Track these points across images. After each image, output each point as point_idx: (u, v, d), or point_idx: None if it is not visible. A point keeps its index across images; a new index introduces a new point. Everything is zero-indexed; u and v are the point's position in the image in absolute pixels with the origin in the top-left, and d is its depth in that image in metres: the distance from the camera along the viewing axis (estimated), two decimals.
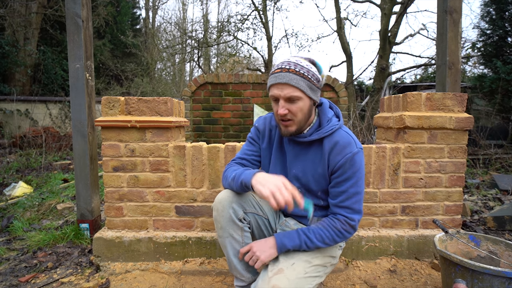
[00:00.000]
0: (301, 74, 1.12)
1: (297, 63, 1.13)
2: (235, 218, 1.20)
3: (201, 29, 10.92)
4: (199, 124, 4.31)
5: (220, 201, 1.22)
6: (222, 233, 1.22)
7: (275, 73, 1.14)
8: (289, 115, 1.14)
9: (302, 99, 1.13)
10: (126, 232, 1.79)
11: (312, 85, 1.14)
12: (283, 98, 1.12)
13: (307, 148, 1.24)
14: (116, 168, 1.76)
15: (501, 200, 2.94)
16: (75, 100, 2.01)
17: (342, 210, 1.16)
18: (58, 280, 1.63)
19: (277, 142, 1.31)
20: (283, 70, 1.12)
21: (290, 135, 1.20)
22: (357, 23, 26.63)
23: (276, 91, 1.13)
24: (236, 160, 1.35)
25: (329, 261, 1.22)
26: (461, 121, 1.74)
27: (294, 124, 1.16)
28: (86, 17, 2.04)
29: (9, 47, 9.10)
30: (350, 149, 1.15)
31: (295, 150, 1.26)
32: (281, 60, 1.18)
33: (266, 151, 1.33)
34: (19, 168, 4.41)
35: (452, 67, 2.15)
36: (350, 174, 1.15)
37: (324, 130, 1.19)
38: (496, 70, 5.48)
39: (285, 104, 1.13)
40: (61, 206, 2.65)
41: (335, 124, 1.20)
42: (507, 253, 1.41)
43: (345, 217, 1.15)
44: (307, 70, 1.13)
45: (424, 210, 1.83)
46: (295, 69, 1.11)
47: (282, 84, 1.11)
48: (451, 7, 2.14)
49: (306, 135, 1.21)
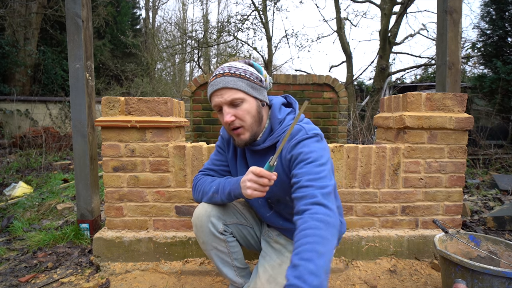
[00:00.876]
0: (238, 75, 1.05)
1: (231, 66, 1.07)
2: (215, 232, 1.18)
3: (201, 29, 10.93)
4: (199, 124, 4.31)
5: (197, 216, 1.18)
6: (205, 247, 1.21)
7: (212, 82, 1.07)
8: (237, 121, 1.05)
9: (246, 101, 1.05)
10: (126, 232, 1.79)
11: (253, 84, 1.07)
12: (225, 103, 1.05)
13: (264, 155, 1.14)
14: (116, 168, 1.76)
15: (501, 200, 2.94)
16: (75, 100, 2.01)
17: (311, 196, 0.89)
18: (58, 280, 1.63)
19: (240, 150, 1.24)
20: (217, 76, 1.06)
21: (245, 145, 1.10)
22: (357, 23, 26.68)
23: (217, 99, 1.05)
24: (204, 171, 1.30)
25: None
26: (461, 121, 1.75)
27: (246, 131, 1.07)
28: (86, 17, 2.04)
29: (9, 47, 9.10)
30: (298, 137, 1.02)
31: (254, 159, 1.18)
32: (216, 69, 1.12)
33: (232, 160, 1.27)
34: (19, 168, 4.41)
35: (452, 67, 2.15)
36: (303, 156, 0.98)
37: (276, 135, 1.09)
38: (496, 70, 5.48)
39: (229, 110, 1.05)
40: (61, 206, 2.65)
41: (288, 124, 1.10)
42: (507, 253, 1.41)
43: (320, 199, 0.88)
44: (243, 70, 1.07)
45: (424, 210, 1.83)
46: (229, 72, 1.05)
47: (220, 90, 1.04)
48: (451, 7, 2.14)
49: (260, 142, 1.13)
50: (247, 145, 1.12)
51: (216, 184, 1.16)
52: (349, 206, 1.80)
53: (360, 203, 1.80)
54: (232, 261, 1.24)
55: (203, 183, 1.22)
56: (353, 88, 9.65)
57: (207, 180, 1.22)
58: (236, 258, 1.25)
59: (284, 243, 1.25)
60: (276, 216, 1.23)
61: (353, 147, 1.75)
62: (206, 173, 1.30)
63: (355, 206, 1.80)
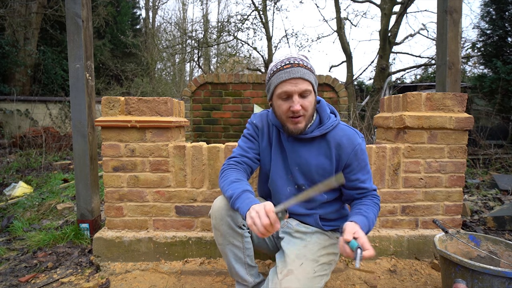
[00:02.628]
0: (309, 68, 1.13)
1: (302, 58, 1.14)
2: (234, 226, 1.18)
3: (201, 29, 10.93)
4: (199, 124, 4.31)
5: (217, 209, 1.19)
6: (222, 241, 1.21)
7: (284, 69, 1.11)
8: (302, 110, 1.13)
9: (312, 94, 1.14)
10: (126, 232, 1.79)
11: (316, 80, 1.17)
12: (297, 93, 1.11)
13: (309, 144, 1.22)
14: (116, 168, 1.76)
15: (501, 200, 2.94)
16: (75, 100, 2.01)
17: (366, 190, 1.22)
18: (58, 280, 1.63)
19: (276, 140, 1.28)
20: (293, 65, 1.11)
21: (300, 132, 1.17)
22: (357, 23, 26.67)
23: (290, 87, 1.10)
24: (236, 158, 1.28)
25: (332, 258, 1.22)
26: (461, 121, 1.75)
27: (304, 120, 1.15)
28: (86, 17, 2.04)
29: (9, 47, 9.10)
30: (357, 141, 1.19)
31: (294, 147, 1.23)
32: (284, 57, 1.15)
33: (265, 150, 1.30)
34: (19, 168, 4.41)
35: (452, 67, 2.15)
36: (361, 161, 1.20)
37: (325, 126, 1.19)
38: (496, 70, 5.48)
39: (299, 100, 1.11)
40: (61, 206, 2.65)
41: (334, 120, 1.22)
42: (507, 253, 1.41)
43: (372, 192, 1.22)
44: (311, 65, 1.15)
45: (424, 210, 1.83)
46: (303, 64, 1.12)
47: (296, 79, 1.10)
48: (451, 7, 2.14)
49: (308, 131, 1.20)
50: (300, 133, 1.18)
51: (232, 190, 1.13)
52: None
53: None
54: (244, 257, 1.25)
55: (226, 178, 1.19)
56: (353, 88, 9.65)
57: (230, 177, 1.19)
58: (249, 255, 1.26)
59: (305, 230, 1.26)
60: (305, 203, 1.23)
61: None
62: (239, 160, 1.27)
63: None
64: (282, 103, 1.15)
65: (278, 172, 1.27)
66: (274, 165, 1.28)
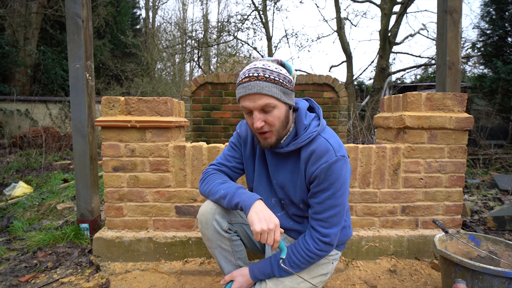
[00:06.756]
0: (272, 79, 1.00)
1: (265, 67, 1.01)
2: (220, 230, 1.18)
3: (201, 29, 10.94)
4: (199, 124, 4.31)
5: (203, 213, 1.18)
6: (210, 244, 1.21)
7: (242, 83, 1.01)
8: (266, 126, 1.04)
9: (277, 107, 1.02)
10: (126, 232, 1.79)
11: (286, 89, 1.03)
12: (257, 109, 1.01)
13: (285, 158, 1.16)
14: (116, 168, 1.76)
15: (501, 200, 2.94)
16: (75, 100, 2.01)
17: (317, 223, 1.10)
18: (58, 280, 1.63)
19: (259, 150, 1.23)
20: (251, 78, 0.99)
21: (270, 147, 1.10)
22: (357, 23, 26.70)
23: (248, 103, 1.01)
24: (216, 166, 1.28)
25: (320, 280, 1.20)
26: (461, 121, 1.74)
27: (273, 135, 1.07)
28: (86, 17, 2.04)
29: (9, 47, 9.10)
30: (326, 158, 1.04)
31: (274, 161, 1.19)
32: (246, 68, 1.05)
33: (249, 159, 1.26)
34: (19, 168, 4.41)
35: (452, 67, 2.15)
36: (326, 185, 1.05)
37: (300, 140, 1.08)
38: (496, 70, 5.48)
39: (260, 116, 1.02)
40: (61, 206, 2.65)
41: (313, 131, 1.08)
42: (507, 253, 1.41)
43: (318, 234, 1.09)
44: (277, 74, 1.02)
45: (424, 210, 1.83)
46: (264, 75, 0.99)
47: (253, 95, 1.00)
48: (451, 7, 2.14)
49: (283, 145, 1.12)
50: (272, 148, 1.11)
51: (225, 189, 1.13)
52: (349, 206, 1.79)
53: (360, 203, 1.80)
54: (235, 260, 1.24)
55: (212, 182, 1.19)
56: (353, 88, 9.65)
57: (217, 180, 1.19)
58: (240, 258, 1.25)
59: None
60: (286, 217, 1.23)
61: (353, 147, 1.75)
62: (218, 168, 1.27)
63: (355, 206, 1.80)
64: (248, 118, 1.08)
65: (262, 183, 1.25)
66: (258, 177, 1.25)
